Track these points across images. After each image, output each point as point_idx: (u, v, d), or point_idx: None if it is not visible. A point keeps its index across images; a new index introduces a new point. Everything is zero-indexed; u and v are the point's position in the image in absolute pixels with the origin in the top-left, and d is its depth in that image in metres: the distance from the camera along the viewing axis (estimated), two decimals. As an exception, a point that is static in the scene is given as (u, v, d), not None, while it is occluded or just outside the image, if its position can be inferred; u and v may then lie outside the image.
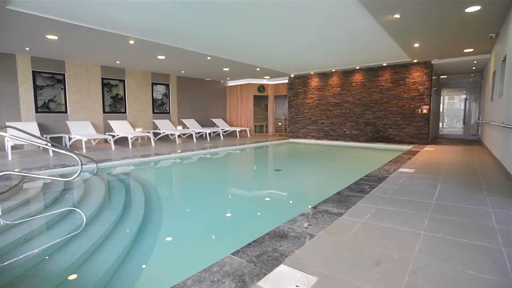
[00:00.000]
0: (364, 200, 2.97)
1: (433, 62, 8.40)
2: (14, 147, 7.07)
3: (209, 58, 8.04)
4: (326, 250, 1.86)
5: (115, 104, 9.74)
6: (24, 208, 3.31)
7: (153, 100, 10.85)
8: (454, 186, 3.58)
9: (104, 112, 9.42)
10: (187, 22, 5.17)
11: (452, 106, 11.71)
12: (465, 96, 10.79)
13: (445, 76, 11.15)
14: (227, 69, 10.12)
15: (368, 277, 1.55)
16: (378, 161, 5.84)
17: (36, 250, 2.39)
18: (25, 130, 5.68)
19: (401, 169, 4.67)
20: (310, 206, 2.78)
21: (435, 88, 9.76)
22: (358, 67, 9.71)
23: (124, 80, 9.91)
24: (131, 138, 8.26)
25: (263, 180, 5.65)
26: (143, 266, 2.21)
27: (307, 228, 2.22)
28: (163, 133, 9.95)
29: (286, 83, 12.19)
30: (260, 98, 13.43)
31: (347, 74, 10.17)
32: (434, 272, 1.60)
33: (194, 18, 4.96)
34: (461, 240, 2.03)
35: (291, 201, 4.12)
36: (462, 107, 10.88)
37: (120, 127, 9.12)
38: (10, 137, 4.45)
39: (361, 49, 7.17)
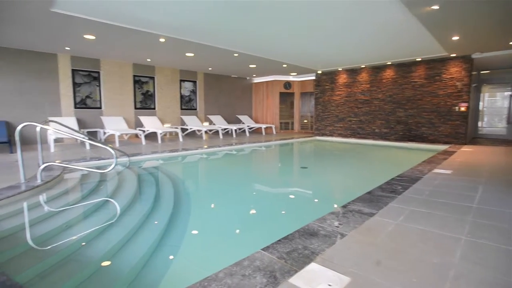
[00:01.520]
0: (397, 201, 2.85)
1: (473, 56, 7.84)
2: (55, 140, 7.58)
3: (236, 54, 8.08)
4: (358, 251, 1.81)
5: (145, 100, 10.12)
6: (66, 197, 3.54)
7: (181, 97, 11.13)
8: (497, 190, 3.33)
9: (135, 108, 9.82)
10: (216, 19, 5.22)
11: (494, 104, 10.87)
12: (510, 92, 9.97)
13: (487, 71, 10.37)
14: (254, 66, 10.13)
15: (405, 281, 1.48)
16: (410, 161, 5.57)
17: (77, 236, 2.54)
18: (65, 124, 6.07)
19: (436, 170, 4.42)
20: (339, 205, 2.72)
21: (475, 85, 9.13)
22: (389, 63, 9.30)
23: (154, 77, 10.25)
24: (160, 134, 8.55)
25: (289, 177, 5.61)
26: (173, 257, 2.28)
27: (337, 227, 2.17)
28: (190, 129, 10.19)
29: (313, 79, 11.97)
30: (286, 95, 13.32)
31: (377, 70, 9.79)
32: (478, 280, 1.50)
33: (222, 15, 5.00)
34: (508, 247, 1.88)
35: (318, 199, 4.05)
36: (506, 105, 10.07)
37: (150, 123, 9.47)
38: (54, 131, 4.77)
39: (393, 43, 6.85)
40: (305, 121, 13.44)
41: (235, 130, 11.12)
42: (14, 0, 4.26)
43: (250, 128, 12.27)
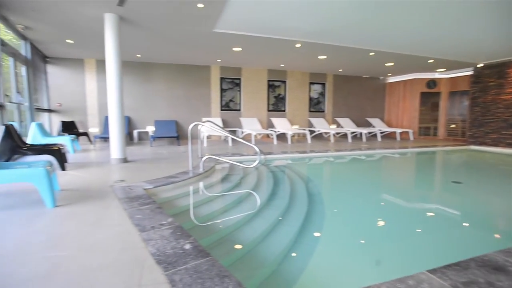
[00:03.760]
0: None
1: None
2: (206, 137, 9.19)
3: (372, 53, 7.53)
4: None
5: (277, 103, 10.87)
6: (219, 185, 4.20)
7: (310, 99, 11.33)
8: None
9: (268, 110, 10.71)
10: (353, 19, 5.01)
11: None
12: None
13: None
14: (391, 64, 9.16)
15: None
16: None
17: (230, 220, 2.95)
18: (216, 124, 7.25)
19: None
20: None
21: None
22: None
23: (285, 81, 10.87)
24: (289, 135, 8.96)
25: (436, 193, 4.76)
26: (310, 255, 2.32)
27: (535, 266, 1.65)
28: (318, 131, 10.23)
29: (469, 75, 9.75)
30: (428, 95, 11.40)
31: None
32: None
33: (361, 14, 4.73)
34: None
35: (483, 224, 3.23)
36: None
37: (280, 124, 10.09)
38: (209, 129, 5.74)
39: None
40: (453, 126, 11.12)
41: (365, 134, 10.39)
42: (188, 26, 5.40)
43: (381, 132, 11.20)
